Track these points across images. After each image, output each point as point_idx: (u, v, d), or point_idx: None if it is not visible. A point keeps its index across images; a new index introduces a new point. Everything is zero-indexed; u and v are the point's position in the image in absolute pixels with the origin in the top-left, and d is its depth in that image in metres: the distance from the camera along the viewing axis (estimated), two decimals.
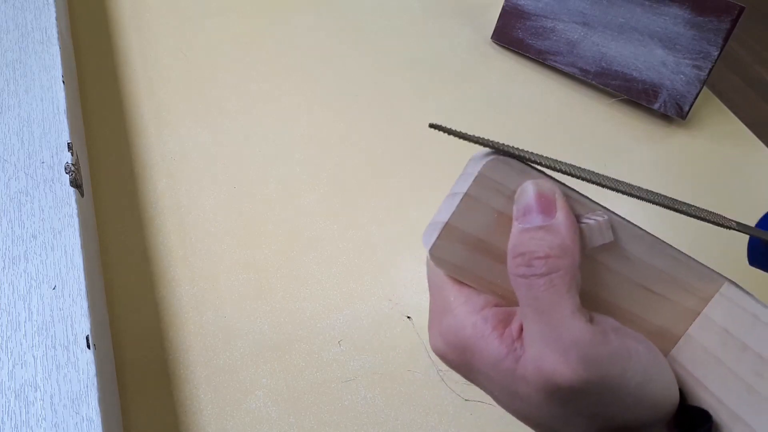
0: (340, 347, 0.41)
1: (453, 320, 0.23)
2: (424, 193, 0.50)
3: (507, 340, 0.22)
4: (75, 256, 0.37)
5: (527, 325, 0.21)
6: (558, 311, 0.21)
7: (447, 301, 0.23)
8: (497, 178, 0.23)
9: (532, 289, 0.21)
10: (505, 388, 0.22)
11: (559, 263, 0.21)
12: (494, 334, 0.22)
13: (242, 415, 0.38)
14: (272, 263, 0.45)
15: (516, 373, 0.21)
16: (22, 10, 0.51)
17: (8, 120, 0.43)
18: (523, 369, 0.21)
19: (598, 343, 0.21)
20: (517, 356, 0.21)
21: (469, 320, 0.22)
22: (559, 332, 0.20)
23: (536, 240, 0.22)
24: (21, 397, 0.32)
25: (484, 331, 0.22)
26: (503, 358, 0.21)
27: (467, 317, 0.22)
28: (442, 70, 0.59)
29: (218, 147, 0.51)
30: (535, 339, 0.21)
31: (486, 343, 0.22)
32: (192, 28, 0.60)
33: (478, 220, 0.23)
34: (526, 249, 0.22)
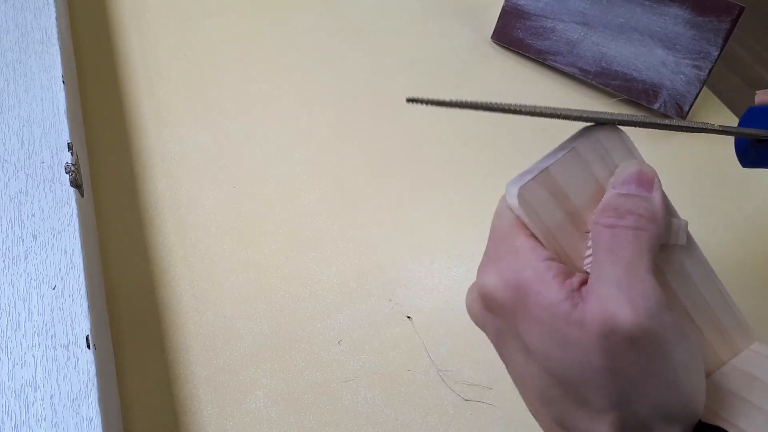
0: (340, 347, 0.41)
1: (516, 261, 0.23)
2: (424, 193, 0.50)
3: (567, 288, 0.22)
4: (75, 256, 0.37)
5: (599, 269, 0.21)
6: (636, 262, 0.21)
7: (512, 245, 0.23)
8: (608, 146, 0.24)
9: (617, 237, 0.21)
10: (553, 332, 0.21)
11: (648, 225, 0.22)
12: (555, 280, 0.22)
13: (242, 415, 0.38)
14: (272, 263, 0.45)
15: (571, 317, 0.21)
16: (22, 10, 0.51)
17: (8, 120, 0.43)
18: (580, 313, 0.21)
19: (665, 306, 0.21)
20: (574, 302, 0.21)
21: (532, 264, 0.22)
22: (632, 280, 0.21)
23: (631, 202, 0.22)
24: (21, 397, 0.32)
25: (545, 276, 0.22)
26: (561, 301, 0.21)
27: (531, 261, 0.22)
28: (442, 69, 0.59)
29: (218, 147, 0.51)
30: (605, 281, 0.21)
31: (545, 286, 0.22)
32: (192, 28, 0.60)
33: (575, 179, 0.23)
34: (620, 206, 0.22)
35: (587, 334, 0.20)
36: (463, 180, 0.50)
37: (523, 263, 0.23)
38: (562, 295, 0.21)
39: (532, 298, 0.22)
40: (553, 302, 0.21)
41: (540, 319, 0.22)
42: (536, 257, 0.23)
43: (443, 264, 0.46)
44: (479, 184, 0.50)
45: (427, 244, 0.47)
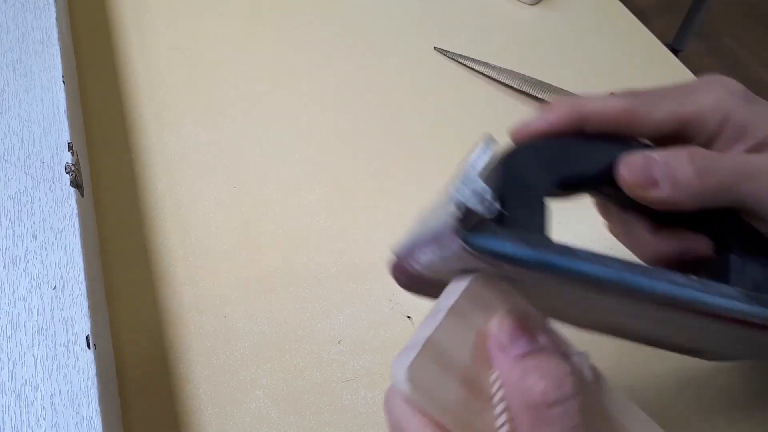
0: (340, 347, 0.41)
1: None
2: (425, 192, 0.49)
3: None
4: (75, 256, 0.37)
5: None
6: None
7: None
8: (484, 294, 0.22)
9: (571, 416, 0.20)
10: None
11: (577, 382, 0.21)
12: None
13: (242, 415, 0.38)
14: (272, 263, 0.45)
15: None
16: (22, 10, 0.51)
17: (8, 120, 0.43)
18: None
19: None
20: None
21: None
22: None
23: (542, 363, 0.21)
24: (21, 397, 0.32)
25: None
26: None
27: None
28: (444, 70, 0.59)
29: (218, 147, 0.51)
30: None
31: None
32: (192, 28, 0.60)
33: (461, 340, 0.22)
34: (543, 371, 0.21)
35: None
36: None
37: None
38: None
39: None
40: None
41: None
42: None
43: None
44: None
45: None
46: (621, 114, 0.25)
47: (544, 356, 0.21)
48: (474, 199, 0.20)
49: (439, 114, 0.55)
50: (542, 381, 0.20)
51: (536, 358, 0.21)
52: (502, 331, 0.22)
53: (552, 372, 0.21)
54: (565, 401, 0.20)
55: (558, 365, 0.21)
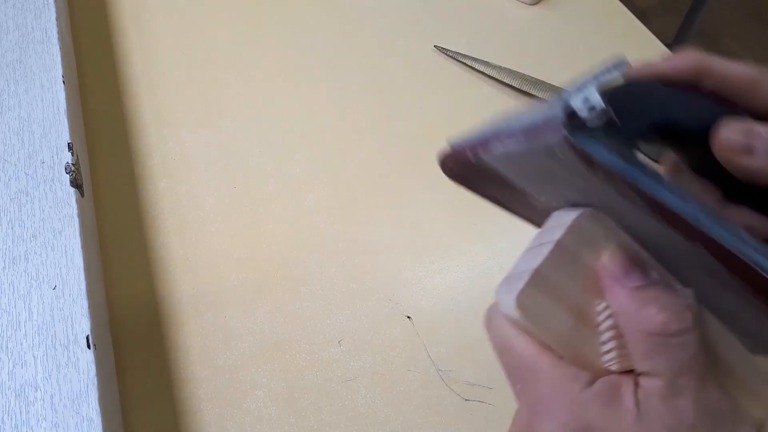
0: (340, 347, 0.41)
1: (569, 403, 0.22)
2: (425, 192, 0.50)
3: (630, 410, 0.21)
4: (75, 256, 0.37)
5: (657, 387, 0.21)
6: (712, 375, 0.21)
7: (552, 383, 0.23)
8: (591, 230, 0.23)
9: (690, 346, 0.21)
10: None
11: (697, 314, 0.21)
12: (614, 406, 0.22)
13: (242, 415, 0.38)
14: (272, 263, 0.45)
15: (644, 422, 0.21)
16: (22, 10, 0.51)
17: (8, 120, 0.43)
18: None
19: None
20: (647, 419, 0.21)
21: (582, 398, 0.22)
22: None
23: (660, 295, 0.22)
24: (21, 397, 0.32)
25: (605, 410, 0.22)
26: (634, 422, 0.21)
27: (582, 396, 0.22)
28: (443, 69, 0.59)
29: (218, 147, 0.51)
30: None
31: (611, 418, 0.21)
32: (192, 28, 0.60)
33: (567, 273, 0.23)
34: (663, 303, 0.21)
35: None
36: None
37: (575, 400, 0.22)
38: (631, 420, 0.21)
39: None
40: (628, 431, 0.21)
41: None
42: (580, 387, 0.22)
43: (443, 264, 0.46)
44: None
45: (427, 244, 0.47)
46: (745, 81, 0.25)
47: (660, 288, 0.22)
48: (585, 106, 0.21)
49: (439, 113, 0.55)
50: (663, 312, 0.21)
51: (653, 290, 0.22)
52: (615, 263, 0.23)
53: (671, 304, 0.21)
54: (685, 332, 0.21)
55: (676, 298, 0.22)
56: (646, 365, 0.21)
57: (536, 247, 0.24)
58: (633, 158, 0.21)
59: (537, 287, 0.22)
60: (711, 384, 0.21)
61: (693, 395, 0.21)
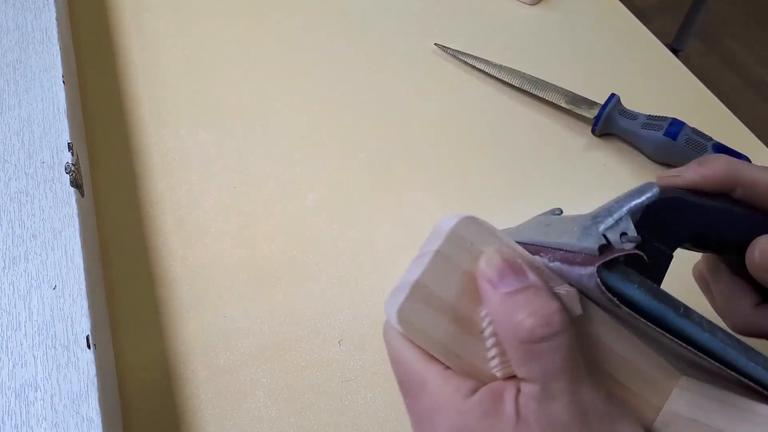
0: (340, 347, 0.41)
1: (450, 415, 0.22)
2: (425, 192, 0.50)
3: (509, 415, 0.22)
4: (75, 256, 0.37)
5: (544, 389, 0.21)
6: (585, 376, 0.21)
7: (434, 394, 0.23)
8: (469, 236, 0.23)
9: (559, 350, 0.21)
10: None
11: (566, 317, 0.21)
12: (492, 416, 0.22)
13: (242, 415, 0.38)
14: (272, 263, 0.45)
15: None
16: (22, 10, 0.51)
17: (8, 120, 0.43)
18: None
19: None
20: (519, 416, 0.21)
21: (465, 410, 0.22)
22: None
23: (531, 300, 0.21)
24: (21, 397, 0.32)
25: (482, 419, 0.22)
26: (514, 428, 0.21)
27: (463, 407, 0.22)
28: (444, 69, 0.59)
29: (218, 147, 0.51)
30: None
31: (492, 427, 0.22)
32: (192, 28, 0.60)
33: (448, 281, 0.23)
34: (532, 308, 0.21)
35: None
36: (464, 180, 0.50)
37: (456, 411, 0.22)
38: (510, 426, 0.21)
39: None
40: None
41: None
42: (461, 397, 0.22)
43: None
44: (480, 184, 0.50)
45: None
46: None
47: (533, 293, 0.22)
48: (618, 235, 0.21)
49: (440, 112, 0.55)
50: (530, 318, 0.21)
51: (525, 294, 0.22)
52: (490, 268, 0.22)
53: (540, 309, 0.21)
54: (553, 337, 0.21)
55: (546, 302, 0.21)
56: (522, 371, 0.22)
57: (420, 256, 0.24)
58: (665, 296, 0.21)
59: (418, 300, 0.22)
60: (586, 385, 0.21)
61: (566, 398, 0.21)
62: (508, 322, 0.21)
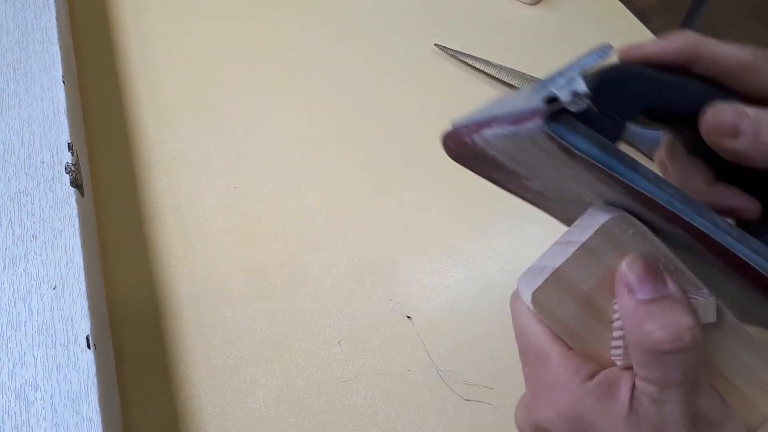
0: (340, 347, 0.41)
1: (564, 390, 0.23)
2: (425, 192, 0.50)
3: (622, 406, 0.22)
4: (75, 256, 0.37)
5: (661, 404, 0.22)
6: (704, 387, 0.22)
7: (555, 373, 0.23)
8: (618, 234, 0.23)
9: (682, 364, 0.21)
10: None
11: (698, 335, 0.21)
12: (608, 401, 0.22)
13: (242, 415, 0.38)
14: (272, 263, 0.45)
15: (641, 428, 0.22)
16: (22, 10, 0.51)
17: (8, 120, 0.43)
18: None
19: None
20: (637, 419, 0.22)
21: (580, 390, 0.23)
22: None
23: (665, 312, 0.22)
24: (21, 397, 0.32)
25: (599, 404, 0.22)
26: (623, 420, 0.22)
27: (578, 387, 0.23)
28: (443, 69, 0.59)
29: (218, 147, 0.51)
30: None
31: (603, 412, 0.22)
32: (192, 28, 0.60)
33: (588, 273, 0.23)
34: (664, 321, 0.21)
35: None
36: (464, 180, 0.50)
37: (573, 392, 0.23)
38: (622, 415, 0.22)
39: (596, 425, 0.22)
40: (618, 424, 0.22)
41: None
42: (582, 380, 0.23)
43: (443, 264, 0.46)
44: (480, 184, 0.50)
45: (427, 244, 0.47)
46: (739, 66, 0.25)
47: (668, 304, 0.22)
48: (567, 92, 0.21)
49: (440, 112, 0.55)
50: (661, 331, 0.21)
51: (660, 304, 0.22)
52: (631, 272, 0.23)
53: (673, 323, 0.21)
54: (679, 352, 0.21)
55: (680, 317, 0.22)
56: (642, 372, 0.22)
57: (563, 243, 0.24)
58: (610, 147, 0.21)
59: (555, 285, 0.23)
60: (703, 394, 0.22)
61: (680, 405, 0.21)
62: (638, 329, 0.22)
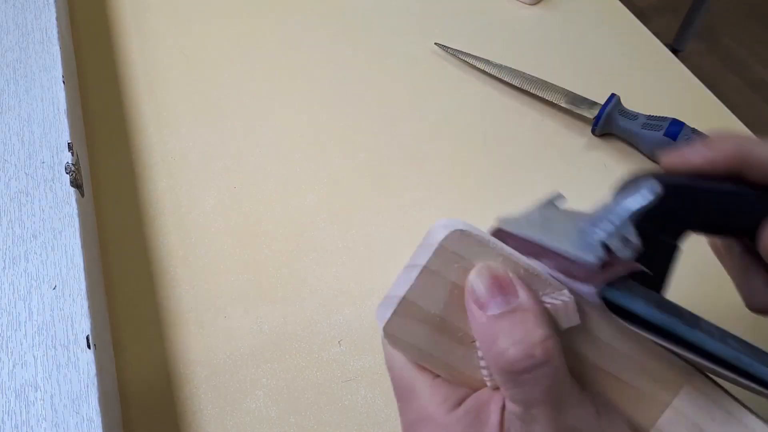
0: (340, 347, 0.41)
1: (434, 427, 0.22)
2: (425, 192, 0.50)
3: (493, 427, 0.22)
4: (75, 256, 0.37)
5: (533, 423, 0.21)
6: (571, 399, 0.21)
7: (422, 405, 0.23)
8: (458, 250, 0.22)
9: (541, 381, 0.20)
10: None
11: (552, 346, 0.20)
12: (477, 428, 0.22)
13: (242, 415, 0.38)
14: (272, 263, 0.45)
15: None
16: (22, 10, 0.51)
17: (8, 120, 0.43)
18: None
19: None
20: (503, 430, 0.21)
21: (448, 422, 0.22)
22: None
23: (516, 326, 0.21)
24: (21, 397, 0.32)
25: (467, 431, 0.22)
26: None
27: (447, 419, 0.22)
28: (443, 69, 0.59)
29: (218, 147, 0.51)
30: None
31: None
32: (192, 28, 0.60)
33: (436, 295, 0.22)
34: (515, 337, 0.20)
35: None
36: (464, 180, 0.50)
37: (440, 424, 0.22)
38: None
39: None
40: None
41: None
42: (446, 409, 0.22)
43: None
44: (479, 184, 0.50)
45: None
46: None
47: (519, 317, 0.21)
48: (619, 241, 0.20)
49: (440, 112, 0.55)
50: (513, 348, 0.20)
51: (510, 319, 0.21)
52: (479, 286, 0.21)
53: (524, 338, 0.20)
54: (534, 369, 0.20)
55: (531, 329, 0.20)
56: (506, 392, 0.21)
57: (409, 267, 0.23)
58: (668, 306, 0.21)
59: (404, 315, 0.22)
60: (572, 406, 0.21)
61: (548, 422, 0.21)
62: (491, 347, 0.21)
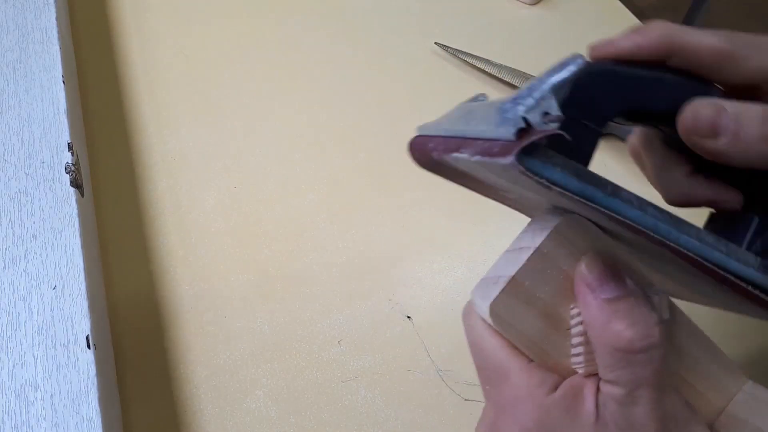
0: (340, 347, 0.41)
1: (532, 408, 0.23)
2: (425, 192, 0.50)
3: (589, 415, 0.22)
4: (75, 256, 0.37)
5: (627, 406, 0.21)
6: (667, 386, 0.22)
7: (517, 387, 0.23)
8: (571, 237, 0.22)
9: (653, 361, 0.21)
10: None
11: (663, 331, 0.21)
12: (573, 412, 0.22)
13: (242, 415, 0.38)
14: (272, 263, 0.45)
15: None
16: (22, 10, 0.51)
17: (8, 120, 0.43)
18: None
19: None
20: (599, 415, 0.22)
21: (547, 404, 0.22)
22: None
23: (631, 310, 0.21)
24: (21, 397, 0.32)
25: (565, 416, 0.22)
26: (593, 425, 0.22)
27: (545, 402, 0.22)
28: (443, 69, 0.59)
29: (218, 147, 0.51)
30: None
31: (570, 424, 0.22)
32: (192, 28, 0.60)
33: (544, 279, 0.22)
34: (631, 319, 0.21)
35: None
36: None
37: (538, 405, 0.22)
38: (590, 423, 0.22)
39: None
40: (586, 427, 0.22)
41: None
42: (544, 392, 0.22)
43: (443, 264, 0.46)
44: None
45: (427, 244, 0.47)
46: (717, 55, 0.24)
47: (633, 302, 0.22)
48: (538, 114, 0.20)
49: (440, 112, 0.55)
50: (630, 329, 0.21)
51: (624, 303, 0.22)
52: (591, 272, 0.22)
53: (641, 321, 0.21)
54: (650, 349, 0.21)
55: (646, 314, 0.21)
56: (609, 375, 0.22)
57: (515, 250, 0.23)
58: (588, 176, 0.21)
59: (511, 295, 0.22)
60: (669, 392, 0.22)
61: (649, 404, 0.21)
62: (606, 329, 0.21)
